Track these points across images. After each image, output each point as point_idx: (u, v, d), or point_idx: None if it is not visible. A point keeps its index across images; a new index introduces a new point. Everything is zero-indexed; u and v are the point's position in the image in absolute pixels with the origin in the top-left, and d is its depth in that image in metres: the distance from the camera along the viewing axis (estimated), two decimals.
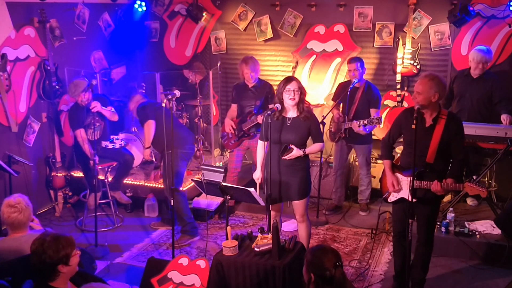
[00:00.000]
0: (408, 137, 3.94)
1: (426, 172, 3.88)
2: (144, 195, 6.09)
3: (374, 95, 5.64)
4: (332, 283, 2.64)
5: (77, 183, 6.20)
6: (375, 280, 4.55)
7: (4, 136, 5.58)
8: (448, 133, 3.83)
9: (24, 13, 5.70)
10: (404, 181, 4.05)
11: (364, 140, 5.73)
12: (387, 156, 4.15)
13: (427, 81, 3.77)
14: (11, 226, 3.34)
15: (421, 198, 3.92)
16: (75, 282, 2.89)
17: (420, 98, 3.78)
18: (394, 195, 4.12)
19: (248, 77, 5.63)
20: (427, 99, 3.78)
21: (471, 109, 5.50)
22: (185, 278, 3.92)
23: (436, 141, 3.82)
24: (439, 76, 3.86)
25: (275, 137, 4.24)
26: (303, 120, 4.23)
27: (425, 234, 4.11)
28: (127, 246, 5.27)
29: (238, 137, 5.80)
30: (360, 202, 6.04)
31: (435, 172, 3.88)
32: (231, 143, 5.85)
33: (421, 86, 3.78)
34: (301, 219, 4.46)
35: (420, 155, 3.84)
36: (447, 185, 3.82)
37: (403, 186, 4.05)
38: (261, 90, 5.70)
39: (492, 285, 4.44)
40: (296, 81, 4.21)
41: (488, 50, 5.47)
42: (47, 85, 5.92)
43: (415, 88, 3.85)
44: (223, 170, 5.29)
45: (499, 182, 5.68)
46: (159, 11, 7.41)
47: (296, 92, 4.16)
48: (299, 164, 4.28)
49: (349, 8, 6.49)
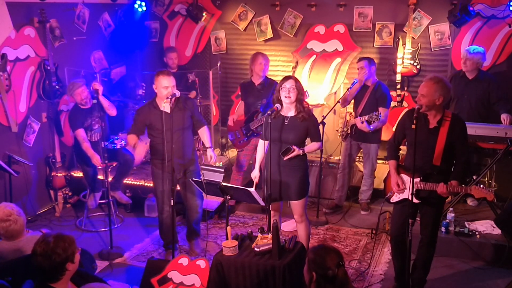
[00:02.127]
0: (411, 138, 3.94)
1: (433, 174, 3.88)
2: (144, 195, 6.09)
3: (383, 94, 5.60)
4: (334, 282, 2.64)
5: (77, 183, 6.20)
6: (375, 280, 4.55)
7: (4, 136, 5.58)
8: (453, 135, 3.83)
9: (24, 13, 5.70)
10: (409, 181, 4.02)
11: (371, 139, 5.69)
12: (393, 157, 4.17)
13: (432, 84, 3.77)
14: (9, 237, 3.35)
15: (425, 199, 3.93)
16: (75, 282, 2.89)
17: (424, 100, 3.78)
18: (397, 195, 4.11)
19: (261, 68, 5.65)
20: (432, 101, 3.78)
21: (470, 110, 5.50)
22: (185, 278, 3.92)
23: (442, 144, 3.82)
24: (444, 79, 3.85)
25: (274, 136, 4.26)
26: (301, 121, 4.24)
27: (429, 235, 4.10)
28: (127, 246, 5.27)
29: (247, 137, 5.80)
30: (361, 202, 6.03)
31: (441, 174, 3.88)
32: (240, 143, 5.85)
33: (426, 88, 3.78)
34: (300, 219, 4.46)
35: (426, 158, 3.85)
36: (453, 188, 3.81)
37: (407, 186, 4.04)
38: (267, 88, 5.70)
39: (492, 285, 4.44)
40: (292, 79, 4.22)
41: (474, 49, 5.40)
42: (47, 85, 5.92)
43: (420, 90, 3.84)
44: (223, 170, 5.29)
45: (499, 182, 5.68)
46: (159, 11, 7.42)
47: (291, 90, 4.16)
48: (297, 164, 4.29)
49: (349, 8, 6.50)
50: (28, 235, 3.38)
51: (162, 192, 4.79)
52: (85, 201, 5.88)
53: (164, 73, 4.60)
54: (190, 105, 4.80)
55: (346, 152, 5.92)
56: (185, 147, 4.75)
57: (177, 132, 4.63)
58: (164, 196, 4.78)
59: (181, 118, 4.69)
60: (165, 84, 4.55)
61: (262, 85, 5.72)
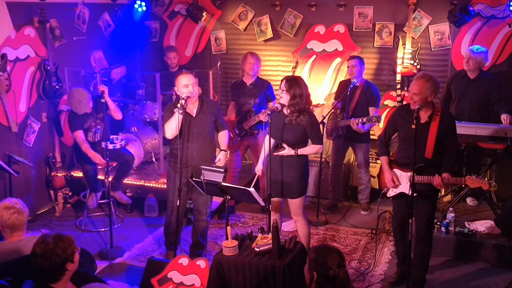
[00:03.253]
0: (404, 134, 4.11)
1: (425, 167, 3.97)
2: (144, 195, 6.09)
3: (373, 94, 5.68)
4: (335, 282, 2.64)
5: (77, 183, 6.20)
6: (375, 280, 4.55)
7: (4, 136, 5.58)
8: (443, 128, 3.97)
9: (24, 13, 5.69)
10: (403, 176, 4.15)
11: (363, 139, 5.75)
12: (384, 153, 4.29)
13: (424, 82, 3.90)
14: (12, 228, 3.31)
15: (420, 193, 4.00)
16: (75, 282, 2.89)
17: (417, 98, 3.91)
18: (393, 190, 4.23)
19: (250, 67, 5.65)
20: (424, 99, 3.91)
21: (471, 110, 5.50)
22: (185, 278, 3.92)
23: (433, 137, 3.95)
24: (434, 76, 3.99)
25: (276, 135, 4.33)
26: (295, 124, 4.24)
27: (424, 231, 4.17)
28: (127, 246, 5.27)
29: (240, 137, 5.80)
30: (361, 202, 6.04)
31: (433, 167, 4.00)
32: (233, 143, 5.85)
33: (418, 87, 3.90)
34: (297, 218, 4.50)
35: (418, 152, 3.93)
36: (448, 180, 3.94)
37: (401, 180, 4.17)
38: (259, 88, 5.72)
39: (492, 285, 4.44)
40: (286, 81, 4.23)
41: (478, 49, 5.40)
42: (47, 85, 5.92)
43: (412, 89, 3.96)
44: (223, 170, 5.27)
45: (499, 182, 5.68)
46: (159, 11, 7.41)
47: (283, 91, 4.20)
48: (296, 163, 4.33)
49: (349, 8, 6.49)
50: (28, 236, 3.38)
51: (174, 191, 4.62)
52: (85, 201, 5.87)
53: (183, 73, 4.50)
54: (214, 108, 4.61)
55: (336, 152, 5.94)
56: (205, 155, 4.56)
57: (199, 138, 4.50)
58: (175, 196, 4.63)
59: (204, 123, 4.53)
60: (184, 82, 4.40)
61: (254, 85, 5.74)
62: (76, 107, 5.42)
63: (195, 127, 4.50)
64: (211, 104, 4.67)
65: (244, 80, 5.79)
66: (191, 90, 4.40)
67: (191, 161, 4.54)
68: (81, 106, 5.41)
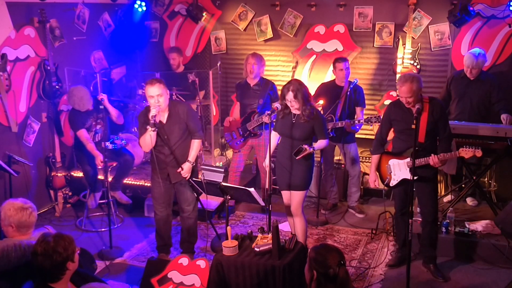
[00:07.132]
0: (400, 126, 4.45)
1: (419, 150, 4.23)
2: (144, 195, 6.09)
3: (360, 95, 5.74)
4: (335, 281, 2.64)
5: (77, 183, 6.20)
6: (375, 280, 4.55)
7: (4, 136, 5.58)
8: (434, 114, 4.31)
9: (24, 13, 5.69)
10: (401, 164, 4.45)
11: (349, 139, 5.77)
12: (377, 151, 4.62)
13: (410, 84, 4.21)
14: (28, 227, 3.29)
15: (420, 177, 4.26)
16: (75, 282, 2.88)
17: (412, 99, 4.25)
18: (394, 178, 4.49)
19: (251, 68, 5.65)
20: (417, 97, 4.27)
21: (471, 110, 5.50)
22: (185, 278, 3.93)
23: (424, 123, 4.29)
24: (416, 75, 4.41)
25: (285, 132, 4.49)
26: (303, 122, 4.40)
27: (430, 212, 4.47)
28: (127, 246, 5.27)
29: (244, 137, 5.80)
30: (351, 206, 6.00)
31: (427, 150, 4.32)
32: (237, 144, 5.85)
33: (408, 89, 4.21)
34: (296, 212, 4.54)
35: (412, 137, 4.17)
36: (443, 156, 4.24)
37: (401, 167, 4.45)
38: (263, 89, 5.71)
39: (492, 285, 4.44)
40: (291, 92, 4.32)
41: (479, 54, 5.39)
42: (47, 85, 5.92)
43: (402, 93, 4.26)
44: (223, 170, 5.28)
45: (499, 182, 5.68)
46: (159, 11, 7.41)
47: (293, 101, 4.35)
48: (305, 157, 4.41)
49: (349, 8, 6.49)
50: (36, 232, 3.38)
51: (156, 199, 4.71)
52: (85, 201, 5.87)
53: (149, 82, 4.41)
54: (183, 114, 4.55)
55: (326, 154, 5.90)
56: (183, 157, 4.58)
57: (173, 143, 4.52)
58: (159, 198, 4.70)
59: (174, 130, 4.52)
60: (149, 93, 4.36)
61: (258, 86, 5.73)
62: (79, 104, 5.42)
63: (166, 134, 4.49)
64: (182, 109, 4.57)
65: (248, 81, 5.78)
66: (155, 103, 4.34)
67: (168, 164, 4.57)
68: (83, 102, 5.42)
